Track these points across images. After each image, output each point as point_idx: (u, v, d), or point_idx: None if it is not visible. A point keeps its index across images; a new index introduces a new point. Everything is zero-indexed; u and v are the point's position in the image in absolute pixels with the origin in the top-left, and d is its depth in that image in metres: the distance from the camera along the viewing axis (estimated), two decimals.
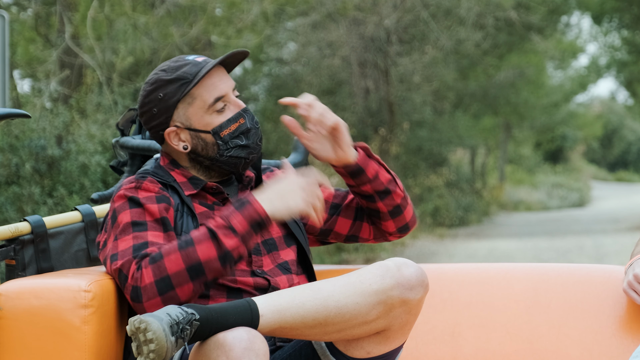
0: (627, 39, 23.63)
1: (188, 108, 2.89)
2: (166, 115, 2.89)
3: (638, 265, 2.98)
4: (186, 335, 2.53)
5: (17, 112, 3.25)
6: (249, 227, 2.73)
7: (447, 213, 21.74)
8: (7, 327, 2.74)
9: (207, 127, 2.89)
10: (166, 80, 2.88)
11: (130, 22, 12.46)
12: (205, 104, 2.88)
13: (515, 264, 3.25)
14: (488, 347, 3.09)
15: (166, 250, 2.71)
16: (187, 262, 2.70)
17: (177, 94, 2.87)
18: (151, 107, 2.90)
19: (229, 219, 2.72)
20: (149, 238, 2.78)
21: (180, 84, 2.86)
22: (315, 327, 2.65)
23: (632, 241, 15.42)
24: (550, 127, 33.98)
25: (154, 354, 2.50)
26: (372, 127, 20.78)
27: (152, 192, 2.86)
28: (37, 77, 13.05)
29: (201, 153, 2.91)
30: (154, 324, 2.50)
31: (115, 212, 2.85)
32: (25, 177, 9.78)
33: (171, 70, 2.89)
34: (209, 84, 2.88)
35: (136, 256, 2.74)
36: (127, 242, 2.78)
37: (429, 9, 19.07)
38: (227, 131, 2.89)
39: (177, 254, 2.70)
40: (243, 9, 13.41)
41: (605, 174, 53.48)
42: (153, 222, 2.82)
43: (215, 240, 2.71)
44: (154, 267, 2.70)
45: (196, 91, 2.88)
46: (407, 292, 2.69)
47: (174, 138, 2.91)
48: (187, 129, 2.89)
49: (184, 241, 2.72)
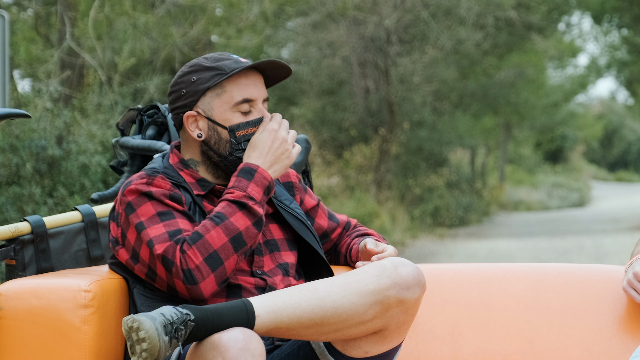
0: (627, 39, 23.62)
1: (215, 99, 2.91)
2: (192, 99, 2.92)
3: (638, 264, 2.99)
4: (180, 336, 2.53)
5: (17, 112, 3.25)
6: (263, 193, 2.84)
7: (447, 213, 21.73)
8: (7, 327, 2.74)
9: (225, 123, 2.91)
10: (204, 66, 2.92)
11: (130, 21, 12.46)
12: (233, 100, 2.91)
13: (515, 264, 3.25)
14: (488, 347, 3.09)
15: (203, 228, 2.75)
16: (228, 235, 2.76)
17: (209, 82, 2.90)
18: (181, 88, 2.93)
19: (247, 190, 2.82)
20: (180, 225, 2.80)
21: (215, 73, 2.90)
22: (311, 327, 2.64)
23: (632, 241, 15.41)
24: (550, 127, 33.96)
25: (147, 353, 2.50)
26: (372, 127, 20.77)
27: (164, 189, 2.86)
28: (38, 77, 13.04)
29: (213, 147, 2.92)
30: (147, 323, 2.50)
31: (131, 205, 2.83)
32: (25, 177, 9.78)
33: (212, 60, 2.94)
34: (242, 83, 2.92)
35: (177, 241, 2.75)
36: (158, 229, 2.78)
37: (429, 9, 19.07)
38: (243, 132, 2.91)
39: (216, 229, 2.75)
40: (243, 9, 13.41)
41: (605, 174, 53.44)
42: (178, 212, 2.83)
43: (246, 209, 2.80)
44: (199, 246, 2.73)
45: (228, 85, 2.91)
46: (403, 291, 2.69)
47: (192, 123, 2.93)
48: (207, 117, 2.92)
49: (216, 216, 2.78)
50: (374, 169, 20.48)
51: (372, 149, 20.70)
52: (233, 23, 13.50)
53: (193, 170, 2.96)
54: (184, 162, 2.97)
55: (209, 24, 13.09)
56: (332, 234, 3.19)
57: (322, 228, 3.17)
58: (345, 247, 3.17)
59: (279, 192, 3.07)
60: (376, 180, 20.23)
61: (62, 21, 12.10)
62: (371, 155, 20.68)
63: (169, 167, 2.96)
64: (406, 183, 21.61)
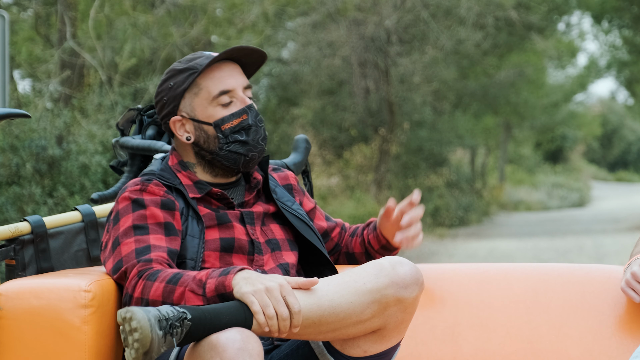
0: (627, 39, 23.63)
1: (194, 98, 2.92)
2: (174, 104, 2.93)
3: (636, 264, 2.99)
4: (176, 333, 2.52)
5: (17, 112, 3.25)
6: (216, 295, 2.66)
7: (447, 213, 21.73)
8: (7, 327, 2.74)
9: (209, 119, 2.92)
10: (178, 70, 2.93)
11: (130, 21, 12.46)
12: (210, 95, 2.91)
13: (515, 264, 3.25)
14: (488, 347, 3.09)
15: (161, 276, 2.70)
16: (164, 297, 2.69)
17: (184, 83, 2.91)
18: (162, 96, 2.95)
19: (207, 281, 2.66)
20: (151, 241, 2.79)
21: (188, 74, 2.91)
22: (309, 326, 2.64)
23: (632, 241, 15.41)
24: (550, 127, 33.98)
25: (138, 343, 2.49)
26: (372, 127, 20.77)
27: (157, 196, 2.87)
28: (38, 77, 13.05)
29: (203, 146, 2.93)
30: (139, 313, 2.50)
31: (118, 215, 2.86)
32: (25, 177, 9.78)
33: (185, 61, 2.94)
34: (217, 76, 2.92)
35: (139, 261, 2.75)
36: (129, 245, 2.79)
37: (429, 9, 19.07)
38: (229, 125, 2.91)
39: (162, 285, 2.69)
40: (243, 9, 13.41)
41: (605, 174, 53.45)
42: (155, 225, 2.83)
43: (187, 292, 2.67)
44: (144, 285, 2.71)
45: (202, 82, 2.91)
46: (401, 290, 2.68)
47: (179, 128, 2.94)
48: (191, 119, 2.92)
49: (175, 276, 2.69)
50: (374, 169, 20.49)
51: (372, 149, 20.71)
52: (233, 23, 13.50)
53: (191, 172, 2.96)
54: (182, 163, 2.97)
55: (209, 24, 13.09)
56: (332, 233, 3.21)
57: (322, 228, 3.18)
58: (360, 244, 3.20)
59: (280, 193, 3.07)
60: (376, 180, 20.23)
61: (62, 21, 12.10)
62: (371, 155, 20.69)
63: (167, 169, 2.97)
64: (406, 183, 21.61)
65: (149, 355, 2.51)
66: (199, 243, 2.87)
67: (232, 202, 2.95)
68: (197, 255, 2.86)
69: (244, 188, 3.01)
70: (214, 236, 2.90)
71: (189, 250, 2.86)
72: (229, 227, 2.92)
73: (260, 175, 3.03)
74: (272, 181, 3.10)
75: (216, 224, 2.91)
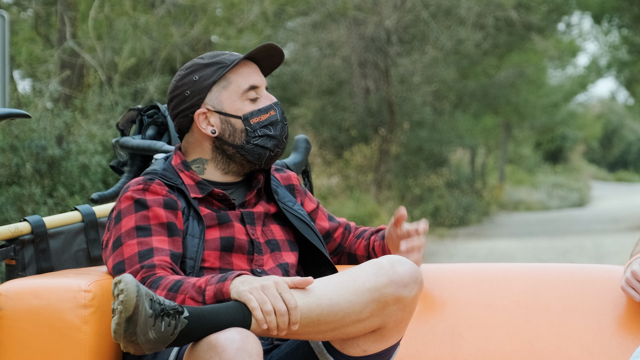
0: (627, 39, 23.63)
1: (222, 92, 2.93)
2: (199, 97, 2.93)
3: (636, 263, 2.99)
4: (168, 323, 2.50)
5: (17, 112, 3.25)
6: (215, 302, 2.66)
7: (447, 213, 21.73)
8: (7, 327, 2.74)
9: (238, 113, 2.93)
10: (203, 64, 2.94)
11: (130, 21, 12.46)
12: (240, 89, 2.93)
13: (515, 264, 3.24)
14: (488, 347, 3.09)
15: (163, 283, 2.71)
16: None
17: (213, 76, 2.92)
18: (184, 90, 2.93)
19: (206, 288, 2.66)
20: (154, 244, 2.79)
21: (217, 68, 2.92)
22: (308, 326, 2.64)
23: (632, 241, 15.41)
24: (550, 127, 33.98)
25: (122, 306, 2.47)
26: (372, 127, 20.77)
27: (159, 195, 2.87)
28: (38, 77, 13.05)
29: (227, 140, 2.93)
30: (128, 278, 2.49)
31: (120, 214, 2.85)
32: (25, 177, 9.78)
33: (209, 57, 2.96)
34: (245, 72, 2.95)
35: (143, 267, 2.75)
36: (131, 247, 2.79)
37: (429, 9, 19.07)
38: (257, 119, 2.93)
39: (164, 293, 2.70)
40: (243, 9, 13.42)
41: (605, 174, 53.45)
42: (158, 225, 2.83)
43: (187, 299, 2.68)
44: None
45: (232, 76, 2.93)
46: (400, 289, 2.68)
47: (203, 121, 2.94)
48: (217, 112, 2.93)
49: (176, 284, 2.70)
50: (374, 169, 20.49)
51: (372, 149, 20.70)
52: (233, 23, 13.51)
53: (194, 172, 2.96)
54: (185, 163, 2.97)
55: (209, 24, 13.09)
56: (334, 233, 3.20)
57: (324, 229, 3.18)
58: (365, 248, 3.20)
59: (282, 194, 3.07)
60: (376, 180, 20.23)
61: (62, 21, 12.10)
62: (371, 155, 20.69)
63: (169, 168, 2.96)
64: (406, 183, 21.61)
65: (132, 323, 2.48)
66: (198, 243, 2.87)
67: (233, 203, 2.95)
68: (197, 254, 2.86)
69: (245, 188, 3.01)
70: (215, 235, 2.90)
71: (189, 250, 2.86)
72: (229, 227, 2.92)
73: (262, 176, 3.04)
74: (274, 181, 3.10)
75: (217, 223, 2.91)
